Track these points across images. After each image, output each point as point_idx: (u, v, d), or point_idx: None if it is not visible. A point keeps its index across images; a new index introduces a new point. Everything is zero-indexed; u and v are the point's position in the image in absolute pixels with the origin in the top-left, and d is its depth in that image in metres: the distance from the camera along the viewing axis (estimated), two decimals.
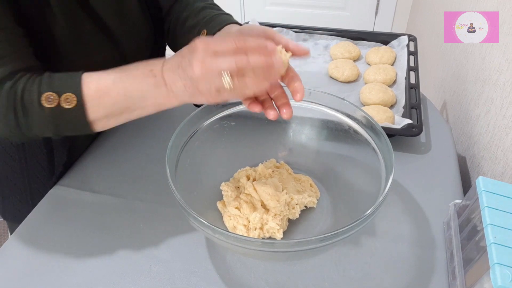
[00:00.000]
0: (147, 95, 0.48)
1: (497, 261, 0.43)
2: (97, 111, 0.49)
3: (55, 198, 0.67)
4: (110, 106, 0.49)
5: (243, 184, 0.62)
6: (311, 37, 1.04)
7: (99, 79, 0.49)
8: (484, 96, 0.78)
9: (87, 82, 0.49)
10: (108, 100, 0.49)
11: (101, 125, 0.51)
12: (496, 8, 0.77)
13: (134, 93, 0.48)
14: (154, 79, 0.47)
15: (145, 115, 0.51)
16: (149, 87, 0.48)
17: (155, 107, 0.50)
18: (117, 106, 0.49)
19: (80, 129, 0.51)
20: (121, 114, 0.50)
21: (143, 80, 0.48)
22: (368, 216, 0.46)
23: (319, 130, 0.67)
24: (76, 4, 0.58)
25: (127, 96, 0.48)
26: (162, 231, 0.61)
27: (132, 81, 0.48)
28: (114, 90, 0.49)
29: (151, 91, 0.48)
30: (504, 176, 0.67)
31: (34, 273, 0.56)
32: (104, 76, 0.49)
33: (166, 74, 0.47)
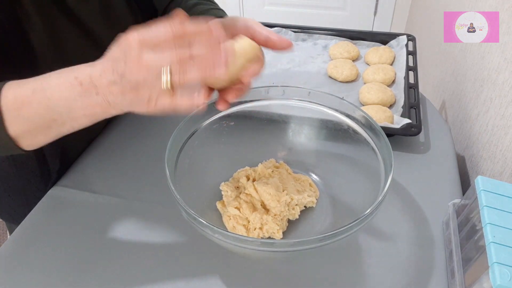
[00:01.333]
0: (74, 105, 0.41)
1: (496, 260, 0.43)
2: (18, 124, 0.42)
3: (54, 198, 0.67)
4: (32, 119, 0.42)
5: (243, 184, 0.62)
6: (310, 37, 1.04)
7: (18, 88, 0.42)
8: (483, 96, 0.78)
9: (5, 91, 0.42)
10: (28, 112, 0.41)
11: (27, 142, 0.44)
12: (495, 8, 0.77)
13: (58, 103, 0.41)
14: (81, 88, 0.40)
15: (82, 127, 0.44)
16: (75, 96, 0.40)
17: (89, 118, 0.42)
18: (40, 119, 0.42)
19: (3, 146, 0.43)
20: (48, 128, 0.43)
21: (67, 89, 0.40)
22: (367, 216, 0.46)
23: (318, 130, 0.67)
24: (56, 10, 0.55)
25: (50, 108, 0.41)
26: (162, 231, 0.61)
27: (55, 90, 0.41)
28: (34, 100, 0.41)
29: (79, 101, 0.40)
30: (503, 176, 0.67)
31: (34, 273, 0.56)
32: (24, 85, 0.42)
33: (98, 81, 0.40)
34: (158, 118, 0.82)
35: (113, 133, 0.79)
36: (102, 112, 0.42)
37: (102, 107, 0.41)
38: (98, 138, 0.78)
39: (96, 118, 0.43)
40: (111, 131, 0.80)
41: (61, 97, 0.41)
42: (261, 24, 0.47)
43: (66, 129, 0.44)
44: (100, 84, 0.40)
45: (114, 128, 0.80)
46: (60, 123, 0.42)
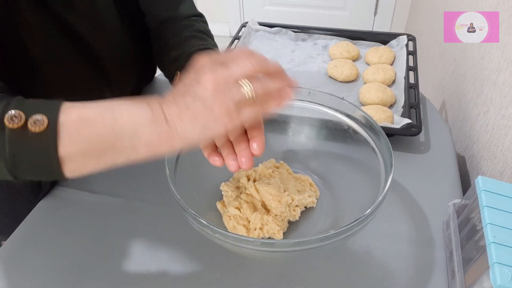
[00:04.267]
0: (140, 130, 0.38)
1: (497, 261, 0.43)
2: (73, 144, 0.38)
3: (54, 198, 0.67)
4: (92, 141, 0.38)
5: (243, 184, 0.62)
6: (310, 37, 1.04)
7: (83, 107, 0.39)
8: (483, 96, 0.78)
9: (67, 108, 0.39)
10: (91, 132, 0.38)
11: (74, 167, 0.39)
12: (495, 7, 0.77)
13: (124, 127, 0.38)
14: (151, 113, 0.38)
15: (134, 161, 0.40)
16: (144, 120, 0.38)
17: (149, 149, 0.39)
18: (100, 142, 0.38)
19: (43, 166, 0.39)
20: (103, 154, 0.39)
21: (137, 113, 0.39)
22: (367, 216, 0.46)
23: (318, 130, 0.67)
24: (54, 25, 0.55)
25: (114, 131, 0.38)
26: (162, 231, 0.61)
27: (124, 112, 0.39)
28: (100, 121, 0.38)
29: (146, 126, 0.38)
30: (503, 176, 0.67)
31: (34, 273, 0.56)
32: (90, 106, 0.39)
33: (167, 108, 0.38)
34: None
35: None
36: (166, 143, 0.39)
37: (167, 137, 0.38)
38: None
39: (156, 151, 0.40)
40: None
41: (130, 121, 0.38)
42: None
43: (121, 159, 0.40)
44: (169, 110, 0.38)
45: None
46: (119, 151, 0.39)
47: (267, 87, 0.39)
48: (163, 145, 0.39)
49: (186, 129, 0.38)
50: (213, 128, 0.38)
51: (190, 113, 0.38)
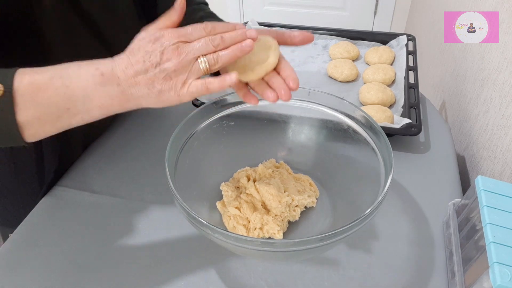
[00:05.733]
0: (91, 95, 0.41)
1: (496, 260, 0.43)
2: (29, 110, 0.41)
3: (54, 198, 0.67)
4: (46, 105, 0.41)
5: (243, 184, 0.62)
6: None
7: (35, 74, 0.41)
8: (483, 96, 0.78)
9: (20, 75, 0.41)
10: (44, 97, 0.41)
11: (32, 131, 0.42)
12: (495, 7, 0.77)
13: (75, 92, 0.41)
14: (101, 78, 0.41)
15: (91, 120, 0.44)
16: (95, 86, 0.41)
17: (103, 110, 0.43)
18: (54, 107, 0.41)
19: (4, 132, 0.41)
20: (58, 117, 0.42)
21: (87, 79, 0.41)
22: (367, 216, 0.46)
23: (318, 130, 0.67)
24: (70, 8, 0.56)
25: (66, 96, 0.41)
26: (162, 231, 0.61)
27: (74, 78, 0.41)
28: (51, 87, 0.41)
29: (98, 90, 0.41)
30: (503, 175, 0.67)
31: (34, 273, 0.56)
32: (41, 72, 0.42)
33: (122, 73, 0.41)
34: (158, 119, 0.82)
35: (113, 133, 0.79)
36: (118, 104, 0.43)
37: (119, 99, 0.42)
38: (98, 138, 0.78)
39: (109, 111, 0.43)
40: (111, 131, 0.80)
41: (79, 86, 0.41)
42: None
43: (76, 121, 0.43)
44: (125, 75, 0.41)
45: (114, 128, 0.80)
46: (73, 114, 0.42)
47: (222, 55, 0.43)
48: (116, 106, 0.43)
49: (141, 93, 0.42)
50: (168, 96, 0.43)
51: (146, 78, 0.41)
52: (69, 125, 0.44)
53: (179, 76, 0.42)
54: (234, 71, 0.46)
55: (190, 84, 0.42)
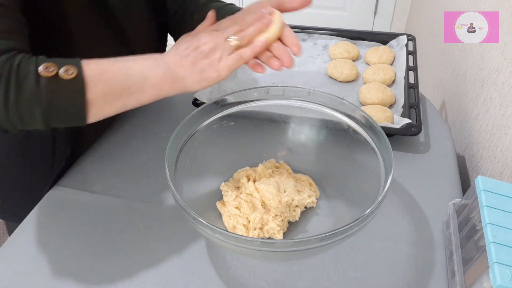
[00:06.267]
0: (147, 74, 0.49)
1: (496, 260, 0.43)
2: (96, 88, 0.46)
3: (54, 198, 0.67)
4: (110, 84, 0.47)
5: (243, 184, 0.62)
6: (310, 37, 1.04)
7: (99, 61, 0.48)
8: (483, 96, 0.78)
9: (85, 61, 0.47)
10: (108, 77, 0.47)
11: (96, 110, 0.47)
12: (494, 7, 0.77)
13: (135, 71, 0.49)
14: (154, 61, 0.50)
15: (143, 103, 0.50)
16: (150, 66, 0.49)
17: (154, 90, 0.50)
18: (117, 85, 0.48)
19: (74, 110, 0.46)
20: (120, 96, 0.48)
21: (144, 61, 0.50)
22: (367, 216, 0.46)
23: (318, 130, 0.67)
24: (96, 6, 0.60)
25: (127, 75, 0.48)
26: (162, 231, 0.61)
27: (133, 62, 0.49)
28: (114, 68, 0.48)
29: (152, 70, 0.49)
30: (503, 175, 0.67)
31: (34, 273, 0.56)
32: (104, 60, 0.48)
33: (168, 57, 0.51)
34: (158, 119, 0.82)
35: (113, 134, 0.79)
36: (167, 85, 0.50)
37: (169, 79, 0.50)
38: (98, 138, 0.78)
39: (160, 93, 0.50)
40: (111, 131, 0.80)
41: (138, 67, 0.49)
42: None
43: (132, 101, 0.50)
44: (172, 60, 0.50)
45: (114, 128, 0.80)
46: (130, 92, 0.49)
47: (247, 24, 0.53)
48: (166, 86, 0.50)
49: (186, 73, 0.50)
50: (209, 73, 0.50)
51: (189, 60, 0.50)
52: (124, 106, 0.50)
53: (215, 55, 0.51)
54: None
55: (225, 59, 0.51)
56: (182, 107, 0.82)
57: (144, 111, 0.84)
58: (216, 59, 0.51)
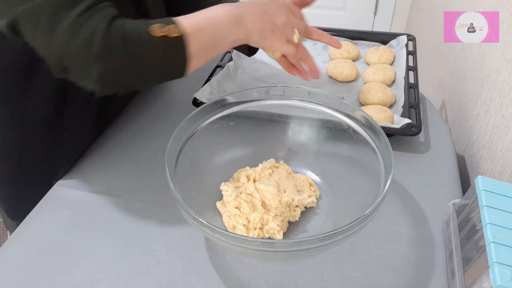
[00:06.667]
0: (228, 32, 0.57)
1: (496, 260, 0.43)
2: (196, 44, 0.53)
3: (54, 198, 0.67)
4: (205, 41, 0.55)
5: (243, 184, 0.62)
6: None
7: (192, 17, 0.54)
8: (483, 96, 0.78)
9: (180, 19, 0.53)
10: (204, 35, 0.54)
11: (194, 63, 0.54)
12: (494, 7, 0.77)
13: (221, 31, 0.56)
14: (237, 19, 0.57)
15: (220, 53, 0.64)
16: (230, 25, 0.57)
17: (233, 44, 0.59)
18: (208, 41, 0.55)
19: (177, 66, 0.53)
20: (209, 51, 0.56)
21: (228, 18, 0.57)
22: (367, 216, 0.46)
23: (318, 130, 0.67)
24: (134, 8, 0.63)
25: (215, 33, 0.56)
26: (162, 231, 0.61)
27: (219, 19, 0.56)
28: (206, 26, 0.55)
29: (232, 29, 0.57)
30: (503, 175, 0.67)
31: (34, 273, 0.56)
32: (194, 16, 0.55)
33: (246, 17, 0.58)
34: (158, 119, 0.82)
35: (113, 133, 0.79)
36: (239, 39, 0.59)
37: (242, 35, 0.58)
38: (98, 138, 0.78)
39: (234, 45, 0.59)
40: (111, 132, 0.80)
41: (225, 26, 0.56)
42: None
43: (214, 55, 0.58)
44: (248, 18, 0.58)
45: (115, 128, 0.80)
46: (216, 47, 0.57)
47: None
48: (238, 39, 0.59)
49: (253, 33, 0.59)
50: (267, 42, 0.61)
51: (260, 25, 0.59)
52: (210, 58, 0.57)
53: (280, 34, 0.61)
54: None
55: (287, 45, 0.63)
56: (182, 107, 0.82)
57: (144, 111, 0.84)
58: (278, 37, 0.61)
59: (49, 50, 0.48)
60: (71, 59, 0.48)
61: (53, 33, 0.46)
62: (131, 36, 0.48)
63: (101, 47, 0.47)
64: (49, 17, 0.46)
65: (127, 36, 0.48)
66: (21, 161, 0.71)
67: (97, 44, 0.46)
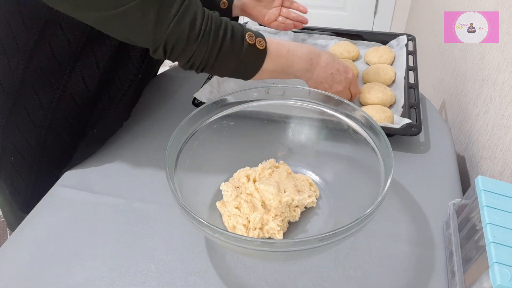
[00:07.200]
0: (298, 70, 0.68)
1: (496, 260, 0.43)
2: (270, 62, 0.63)
3: (54, 198, 0.67)
4: (277, 65, 0.64)
5: (243, 184, 0.62)
6: (310, 37, 1.04)
7: (279, 44, 0.65)
8: (483, 96, 0.78)
9: (269, 39, 0.63)
10: (280, 61, 0.64)
11: (259, 76, 0.64)
12: (494, 7, 0.77)
13: (294, 66, 0.67)
14: (310, 67, 0.69)
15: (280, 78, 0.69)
16: (303, 68, 0.68)
17: (292, 77, 0.69)
18: (279, 68, 0.65)
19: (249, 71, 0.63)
20: (276, 73, 0.65)
21: (303, 62, 0.68)
22: (367, 216, 0.46)
23: (318, 130, 0.67)
24: None
25: (287, 66, 0.66)
26: (162, 231, 0.61)
27: (297, 58, 0.67)
28: (284, 57, 0.65)
29: (303, 71, 0.69)
30: (503, 175, 0.67)
31: (34, 273, 0.56)
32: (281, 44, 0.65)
33: (317, 69, 0.70)
34: (158, 119, 0.82)
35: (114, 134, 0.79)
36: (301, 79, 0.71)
37: (304, 78, 0.71)
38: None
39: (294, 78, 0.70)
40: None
41: (298, 64, 0.67)
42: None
43: (277, 77, 0.67)
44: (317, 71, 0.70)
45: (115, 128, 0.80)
46: (281, 73, 0.67)
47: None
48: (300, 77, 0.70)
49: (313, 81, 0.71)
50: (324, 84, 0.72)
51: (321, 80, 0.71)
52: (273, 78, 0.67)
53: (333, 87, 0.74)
54: None
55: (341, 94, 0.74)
56: (182, 107, 0.82)
57: (144, 111, 0.84)
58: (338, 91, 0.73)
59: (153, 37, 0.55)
60: (177, 40, 0.56)
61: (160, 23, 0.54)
62: (228, 29, 0.58)
63: (202, 29, 0.56)
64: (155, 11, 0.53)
65: (227, 27, 0.58)
66: (44, 152, 0.72)
67: (198, 26, 0.56)
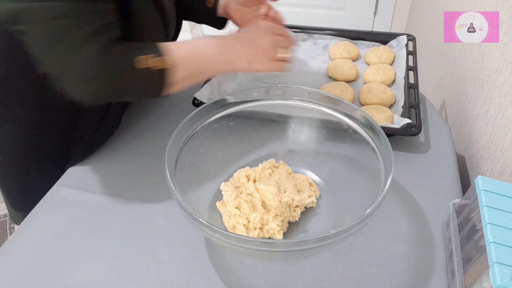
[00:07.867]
0: (212, 61, 0.62)
1: (496, 260, 0.43)
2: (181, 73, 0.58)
3: (54, 198, 0.67)
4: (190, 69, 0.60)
5: (243, 184, 0.62)
6: (310, 37, 1.04)
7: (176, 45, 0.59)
8: (483, 96, 0.78)
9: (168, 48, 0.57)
10: (190, 64, 0.60)
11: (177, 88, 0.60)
12: (494, 7, 0.77)
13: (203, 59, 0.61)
14: (218, 49, 0.62)
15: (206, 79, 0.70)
16: (215, 55, 0.62)
17: (217, 71, 0.67)
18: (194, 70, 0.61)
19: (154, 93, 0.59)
20: (194, 77, 0.61)
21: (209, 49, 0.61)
22: (367, 216, 0.46)
23: (318, 130, 0.67)
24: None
25: (200, 63, 0.61)
26: (162, 231, 0.61)
27: (203, 49, 0.61)
28: (194, 57, 0.61)
29: (215, 58, 0.62)
30: (503, 175, 0.67)
31: (34, 273, 0.56)
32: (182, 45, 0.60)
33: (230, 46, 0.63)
34: (158, 119, 0.82)
35: (114, 134, 0.79)
36: (227, 68, 0.66)
37: (227, 64, 0.63)
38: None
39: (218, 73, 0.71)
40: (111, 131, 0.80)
41: (208, 54, 0.61)
42: None
43: (200, 79, 0.63)
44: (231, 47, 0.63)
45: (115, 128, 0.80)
46: (201, 74, 0.63)
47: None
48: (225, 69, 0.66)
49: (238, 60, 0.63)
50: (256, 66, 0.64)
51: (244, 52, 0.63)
52: (196, 82, 0.62)
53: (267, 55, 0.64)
54: None
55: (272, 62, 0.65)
56: (182, 107, 0.82)
57: (144, 111, 0.84)
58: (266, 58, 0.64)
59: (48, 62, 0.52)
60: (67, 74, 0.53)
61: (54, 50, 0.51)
62: (119, 64, 0.54)
63: (95, 71, 0.52)
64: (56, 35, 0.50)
65: (118, 64, 0.54)
66: (34, 152, 0.71)
67: (91, 67, 0.52)
